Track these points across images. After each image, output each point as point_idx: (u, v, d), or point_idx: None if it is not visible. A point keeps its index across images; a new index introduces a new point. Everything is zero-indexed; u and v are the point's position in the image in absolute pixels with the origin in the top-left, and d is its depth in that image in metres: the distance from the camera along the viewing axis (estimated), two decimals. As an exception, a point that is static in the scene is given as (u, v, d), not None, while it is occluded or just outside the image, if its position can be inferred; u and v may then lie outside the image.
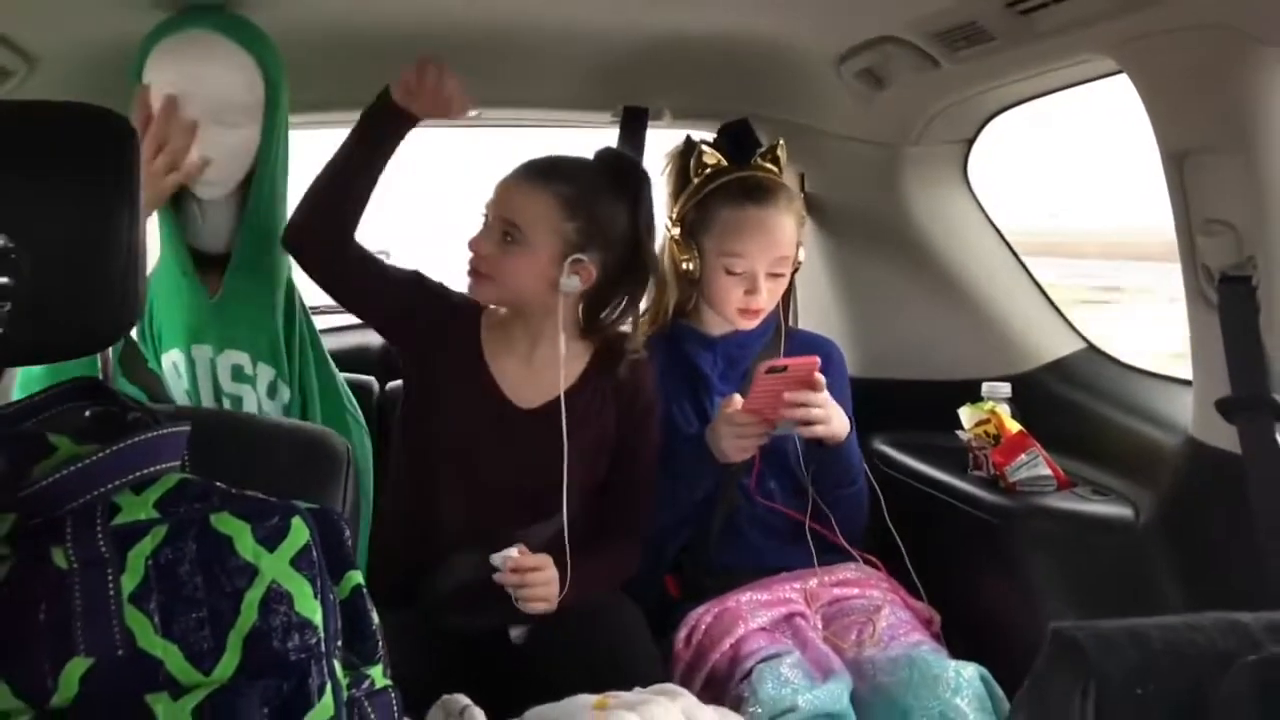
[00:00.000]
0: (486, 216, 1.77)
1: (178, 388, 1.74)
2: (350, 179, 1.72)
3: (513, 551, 1.65)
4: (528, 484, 1.78)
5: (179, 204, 1.69)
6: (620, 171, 1.80)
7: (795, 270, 1.97)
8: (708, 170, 1.97)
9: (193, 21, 1.64)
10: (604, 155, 1.84)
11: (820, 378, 1.78)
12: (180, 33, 1.63)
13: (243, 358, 1.73)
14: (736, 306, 1.92)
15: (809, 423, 1.79)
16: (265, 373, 1.75)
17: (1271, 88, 1.43)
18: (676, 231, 1.97)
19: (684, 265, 1.92)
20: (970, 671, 1.62)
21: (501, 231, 1.74)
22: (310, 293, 1.85)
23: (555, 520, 1.76)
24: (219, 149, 1.64)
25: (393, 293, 1.82)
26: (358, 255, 1.76)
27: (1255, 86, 1.43)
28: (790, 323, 2.17)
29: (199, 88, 1.61)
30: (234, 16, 1.66)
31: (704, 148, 1.98)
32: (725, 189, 1.93)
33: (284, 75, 1.69)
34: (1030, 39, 1.65)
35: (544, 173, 1.75)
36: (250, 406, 1.73)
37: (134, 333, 1.75)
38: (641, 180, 1.81)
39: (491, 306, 1.85)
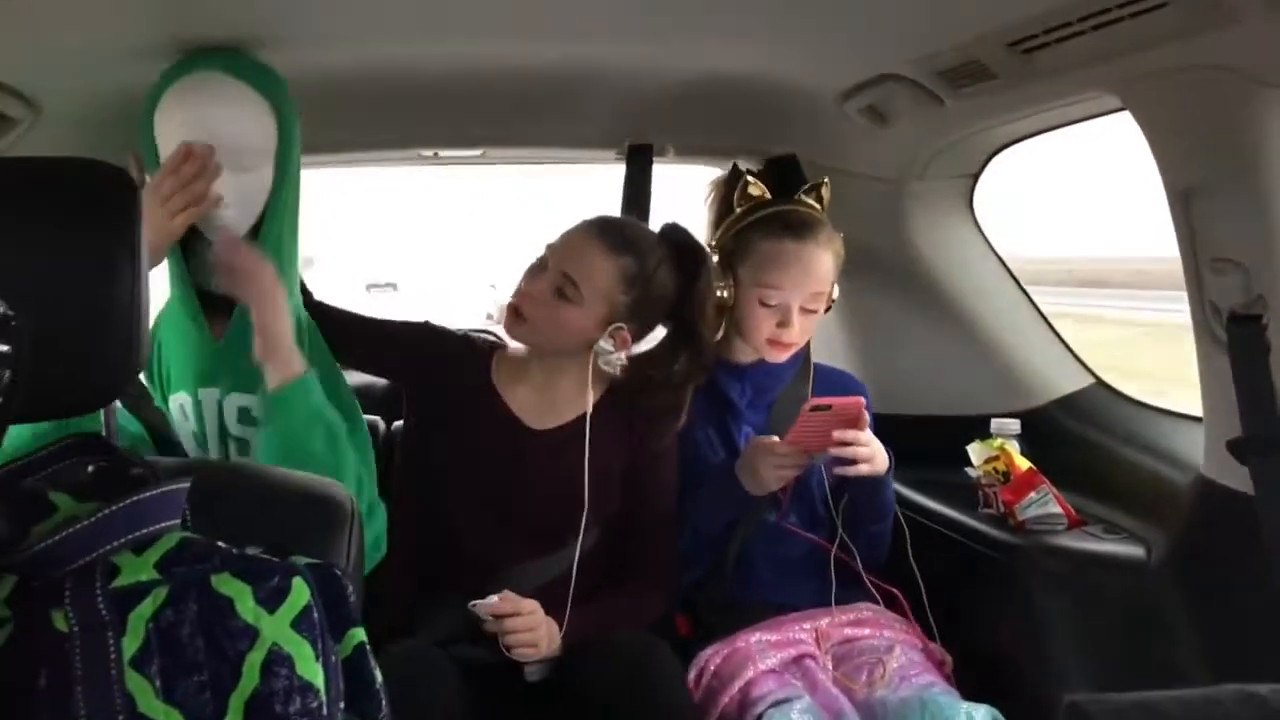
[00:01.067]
0: (546, 260, 1.78)
1: (185, 430, 1.73)
2: None
3: (493, 598, 1.64)
4: (537, 508, 1.78)
5: (189, 246, 1.69)
6: (683, 252, 1.82)
7: (828, 308, 1.97)
8: (751, 202, 1.98)
9: (203, 64, 1.64)
10: (670, 233, 1.85)
11: (866, 416, 1.79)
12: (191, 76, 1.63)
13: (250, 400, 1.71)
14: (767, 338, 1.92)
15: (854, 460, 1.80)
16: None
17: (1276, 128, 1.42)
18: (714, 259, 1.97)
19: (719, 293, 1.92)
20: (982, 714, 1.60)
21: (557, 285, 1.75)
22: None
23: (566, 554, 1.76)
24: (233, 192, 1.63)
25: (376, 342, 1.89)
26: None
27: (1260, 127, 1.42)
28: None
29: (212, 131, 1.60)
30: (245, 59, 1.66)
31: (749, 179, 1.99)
32: (766, 221, 1.94)
33: (296, 117, 1.69)
34: (1033, 77, 1.65)
35: (617, 243, 1.77)
36: (256, 449, 1.71)
37: (143, 373, 1.75)
38: (701, 264, 1.83)
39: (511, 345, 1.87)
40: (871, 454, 1.81)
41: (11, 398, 0.76)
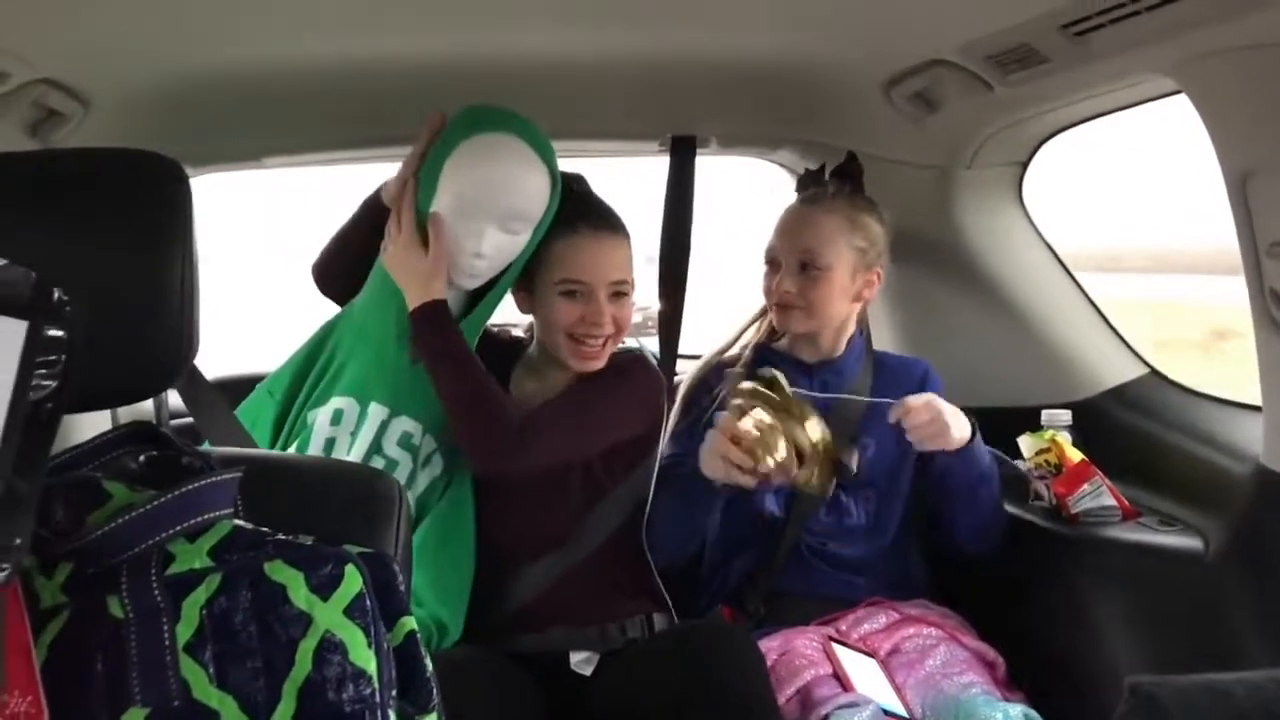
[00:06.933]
0: (584, 286, 1.79)
1: (320, 435, 1.76)
2: (345, 244, 1.89)
3: None
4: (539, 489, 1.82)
5: None
6: None
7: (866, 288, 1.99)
8: None
9: (501, 126, 1.71)
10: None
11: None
12: (490, 135, 1.70)
13: (415, 427, 1.78)
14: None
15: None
16: (428, 444, 1.79)
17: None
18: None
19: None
20: (1016, 712, 1.57)
21: (613, 293, 1.79)
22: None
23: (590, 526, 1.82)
24: (491, 247, 1.71)
25: None
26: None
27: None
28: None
29: (501, 192, 1.69)
30: (538, 131, 1.73)
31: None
32: None
33: (559, 187, 1.76)
34: (1086, 61, 1.62)
35: (620, 223, 1.83)
36: (403, 472, 1.76)
37: (287, 369, 1.83)
38: None
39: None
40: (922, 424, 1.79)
41: (66, 382, 0.77)
